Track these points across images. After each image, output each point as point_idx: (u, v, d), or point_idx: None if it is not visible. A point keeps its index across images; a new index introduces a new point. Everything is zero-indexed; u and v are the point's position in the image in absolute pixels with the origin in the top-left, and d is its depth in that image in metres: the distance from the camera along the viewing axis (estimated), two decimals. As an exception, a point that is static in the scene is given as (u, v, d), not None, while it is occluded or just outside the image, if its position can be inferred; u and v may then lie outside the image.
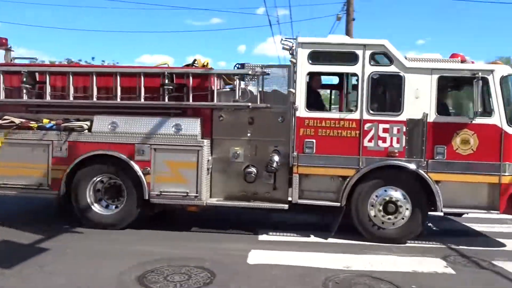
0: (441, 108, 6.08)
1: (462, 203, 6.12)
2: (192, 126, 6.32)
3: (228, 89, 6.63)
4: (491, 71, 5.92)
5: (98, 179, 6.48)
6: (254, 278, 4.71)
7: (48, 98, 6.56)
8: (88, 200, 6.46)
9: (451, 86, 6.29)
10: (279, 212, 6.65)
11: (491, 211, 6.05)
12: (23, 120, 6.51)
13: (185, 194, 6.27)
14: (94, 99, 6.47)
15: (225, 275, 4.71)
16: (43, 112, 6.72)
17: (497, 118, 5.92)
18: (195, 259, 5.18)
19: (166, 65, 6.76)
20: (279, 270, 4.95)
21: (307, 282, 4.62)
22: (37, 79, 6.69)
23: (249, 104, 6.29)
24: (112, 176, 6.47)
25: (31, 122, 6.47)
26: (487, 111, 5.95)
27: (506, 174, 5.93)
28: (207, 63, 6.87)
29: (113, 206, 6.56)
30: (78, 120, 6.54)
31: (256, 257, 5.40)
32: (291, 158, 6.25)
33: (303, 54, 6.15)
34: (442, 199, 5.99)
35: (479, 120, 5.93)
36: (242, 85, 6.31)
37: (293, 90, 6.15)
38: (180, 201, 6.36)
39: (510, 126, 5.92)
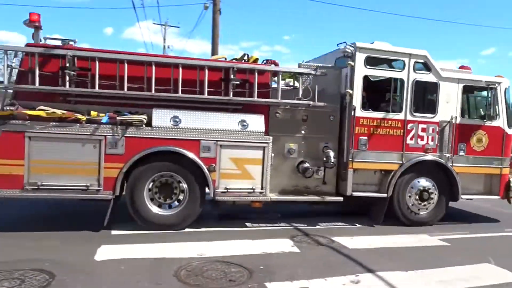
0: (463, 112, 7.27)
1: (471, 190, 7.44)
2: (258, 123, 6.33)
3: (290, 87, 6.78)
4: (499, 83, 7.31)
5: (156, 177, 6.04)
6: (99, 275, 4.38)
7: (96, 87, 5.79)
8: (146, 200, 5.99)
9: (470, 94, 7.52)
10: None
11: (492, 196, 7.51)
12: (65, 112, 5.66)
13: (252, 190, 6.29)
14: (153, 91, 5.95)
15: (66, 275, 4.24)
16: (84, 103, 5.93)
17: (501, 121, 7.36)
18: (34, 260, 4.60)
19: (224, 60, 6.53)
20: (129, 264, 4.70)
21: (158, 273, 4.47)
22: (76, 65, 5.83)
23: (310, 102, 6.57)
24: (173, 174, 6.08)
25: (77, 114, 5.66)
26: (494, 116, 7.33)
27: (505, 166, 7.43)
28: (257, 59, 6.86)
29: (167, 206, 6.19)
30: (130, 113, 5.96)
31: (106, 252, 5.03)
32: (345, 154, 6.75)
33: (360, 58, 6.66)
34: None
35: (488, 123, 7.28)
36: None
37: (350, 91, 6.62)
38: (246, 198, 6.34)
39: (510, 128, 7.41)
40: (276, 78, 6.55)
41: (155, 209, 6.06)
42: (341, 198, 6.85)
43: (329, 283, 4.46)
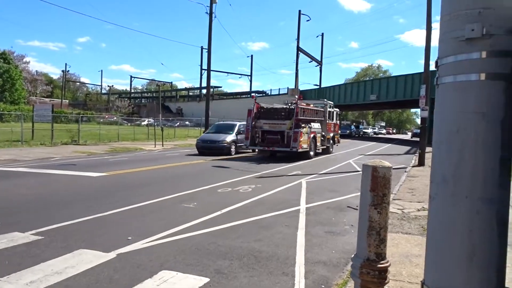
0: (335, 119, 24.64)
1: (336, 142, 25.03)
2: (318, 124, 21.15)
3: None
4: (338, 110, 25.29)
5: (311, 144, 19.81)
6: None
7: (305, 117, 19.01)
8: (310, 148, 19.69)
9: (335, 114, 24.71)
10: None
11: (336, 144, 25.45)
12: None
13: (322, 146, 21.13)
14: (311, 117, 19.70)
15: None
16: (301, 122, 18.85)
17: (339, 121, 25.41)
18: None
19: (311, 105, 20.77)
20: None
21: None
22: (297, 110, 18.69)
23: (329, 119, 22.03)
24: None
25: (303, 124, 18.77)
26: (337, 120, 25.20)
27: (338, 134, 25.67)
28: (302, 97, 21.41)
29: (311, 151, 20.05)
30: (307, 123, 19.39)
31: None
32: (325, 132, 22.53)
33: (328, 104, 22.61)
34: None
35: (337, 122, 25.14)
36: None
37: (327, 115, 22.51)
38: (323, 148, 21.09)
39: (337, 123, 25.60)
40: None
41: (311, 153, 19.86)
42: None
43: None
